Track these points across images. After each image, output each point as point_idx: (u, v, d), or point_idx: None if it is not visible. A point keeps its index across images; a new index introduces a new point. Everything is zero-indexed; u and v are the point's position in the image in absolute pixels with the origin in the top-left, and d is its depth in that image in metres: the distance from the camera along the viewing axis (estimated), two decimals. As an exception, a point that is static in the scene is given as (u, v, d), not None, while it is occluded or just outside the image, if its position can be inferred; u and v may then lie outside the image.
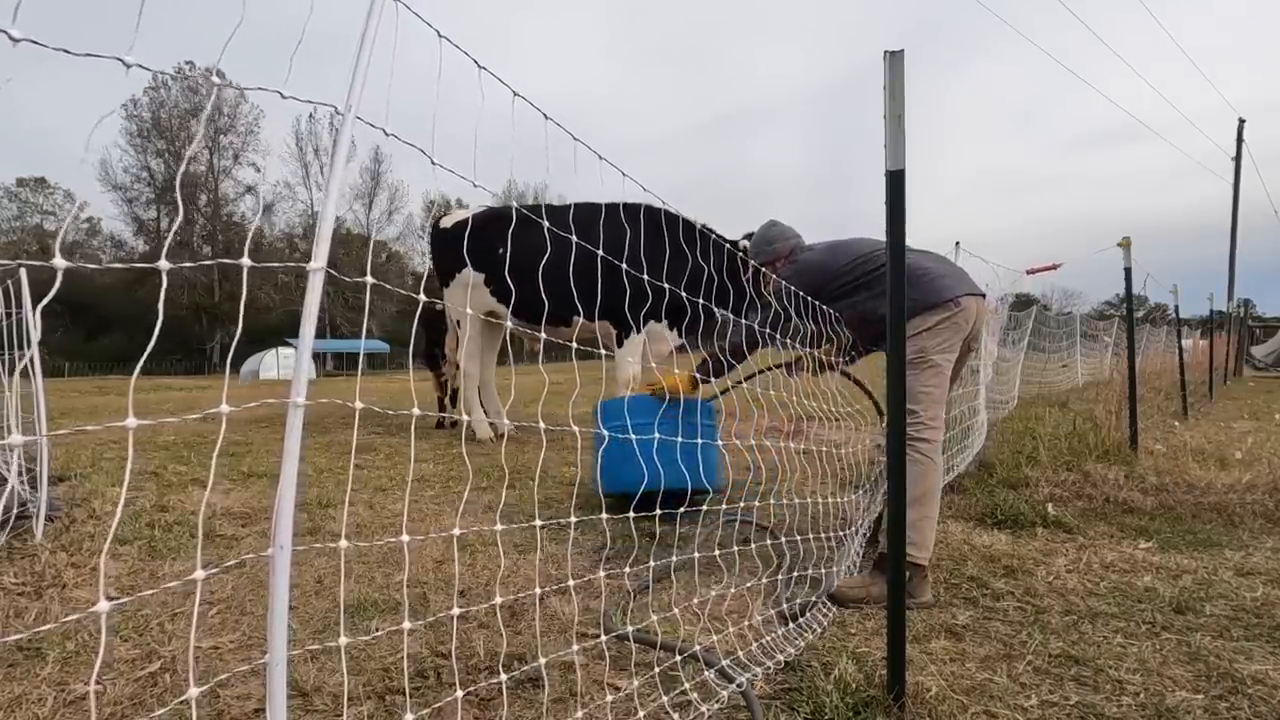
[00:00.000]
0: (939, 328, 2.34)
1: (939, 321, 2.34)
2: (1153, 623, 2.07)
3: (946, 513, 3.33)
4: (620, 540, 2.76)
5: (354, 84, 0.95)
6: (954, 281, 2.42)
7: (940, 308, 2.34)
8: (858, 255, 2.56)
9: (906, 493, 1.99)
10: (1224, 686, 1.70)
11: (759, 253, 2.85)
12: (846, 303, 2.54)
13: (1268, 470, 3.88)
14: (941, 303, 2.34)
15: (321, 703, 1.59)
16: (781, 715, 1.55)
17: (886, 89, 1.55)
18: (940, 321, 2.34)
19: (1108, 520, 3.22)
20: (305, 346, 0.93)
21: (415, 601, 2.18)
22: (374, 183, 49.33)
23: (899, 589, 1.63)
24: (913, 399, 2.34)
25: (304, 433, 0.89)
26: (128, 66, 0.76)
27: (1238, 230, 22.18)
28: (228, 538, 2.84)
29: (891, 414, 1.64)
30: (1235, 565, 2.60)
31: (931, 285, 2.37)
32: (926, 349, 2.34)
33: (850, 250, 2.61)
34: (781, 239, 2.84)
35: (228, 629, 1.97)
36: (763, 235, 2.89)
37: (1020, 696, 1.64)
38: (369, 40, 0.95)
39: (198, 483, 3.84)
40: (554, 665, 1.73)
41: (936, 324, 2.34)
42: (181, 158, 44.79)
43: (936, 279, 2.40)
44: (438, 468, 4.47)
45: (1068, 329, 13.52)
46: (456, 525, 1.27)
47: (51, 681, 1.65)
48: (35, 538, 2.64)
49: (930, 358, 2.33)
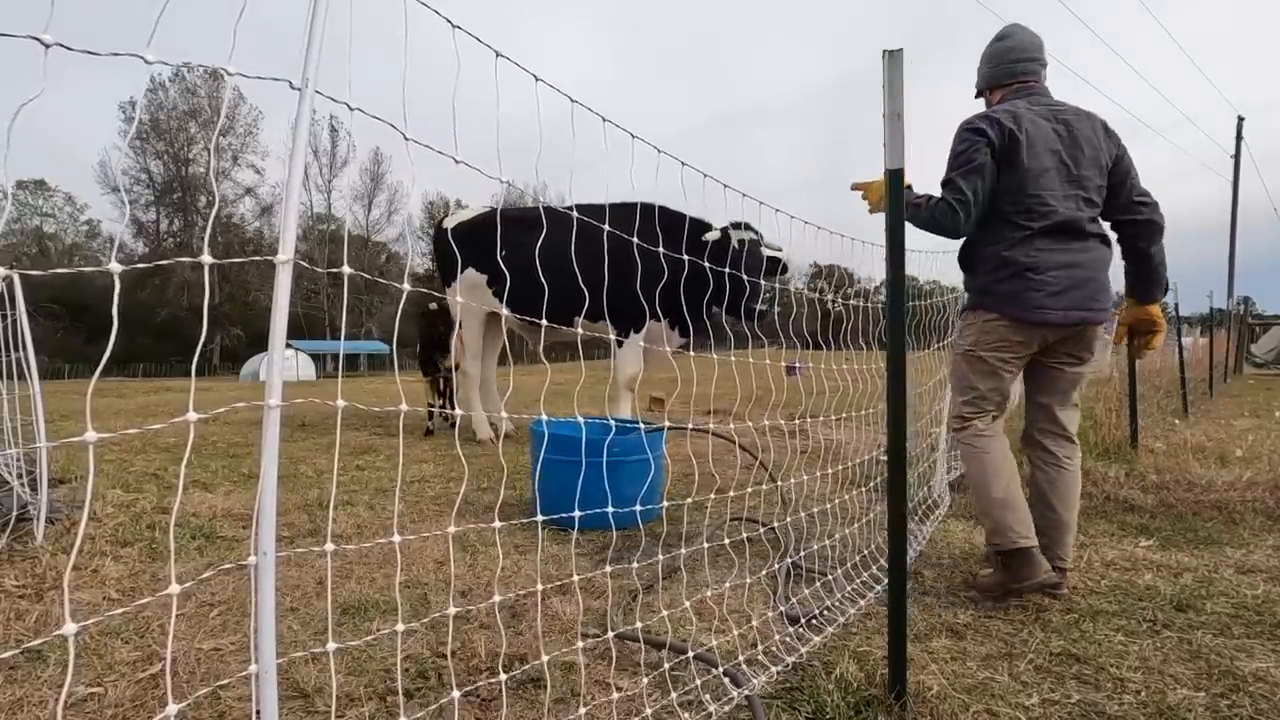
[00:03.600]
0: (997, 325, 2.28)
1: (1001, 323, 2.27)
2: (1154, 621, 2.07)
3: (948, 512, 3.33)
4: (622, 540, 2.76)
5: (309, 57, 0.92)
6: (1051, 300, 2.22)
7: (1006, 316, 2.26)
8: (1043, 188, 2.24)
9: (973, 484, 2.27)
10: (1225, 684, 1.70)
11: (992, 67, 2.44)
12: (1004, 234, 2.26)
13: (1268, 468, 3.88)
14: (1010, 313, 2.25)
15: (323, 704, 1.59)
16: (783, 714, 1.55)
17: (885, 88, 1.55)
18: (1002, 323, 2.27)
19: (1108, 518, 3.22)
20: (277, 344, 0.88)
21: (416, 602, 2.18)
22: (374, 184, 49.40)
23: (899, 589, 1.63)
24: (958, 389, 2.40)
25: (300, 434, 0.89)
26: (149, 63, 0.76)
27: (1237, 228, 22.22)
28: (228, 539, 2.84)
29: (892, 414, 1.63)
30: (1236, 563, 2.59)
31: (1025, 292, 2.22)
32: (979, 344, 2.32)
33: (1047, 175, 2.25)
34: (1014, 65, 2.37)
35: (229, 630, 1.97)
36: (1007, 49, 2.42)
37: (1021, 695, 1.64)
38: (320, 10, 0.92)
39: (199, 484, 3.84)
40: (555, 665, 1.73)
41: (995, 322, 2.28)
42: (181, 159, 44.76)
43: (1037, 289, 2.22)
44: (438, 468, 4.47)
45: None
46: (452, 525, 1.27)
47: (53, 684, 1.65)
48: (36, 540, 2.64)
49: (979, 353, 2.31)
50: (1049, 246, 2.24)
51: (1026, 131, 2.23)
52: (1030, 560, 2.16)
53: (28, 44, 0.72)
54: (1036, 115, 2.27)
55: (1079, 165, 2.25)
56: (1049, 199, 2.23)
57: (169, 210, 46.35)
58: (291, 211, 0.92)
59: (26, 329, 2.65)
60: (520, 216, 5.76)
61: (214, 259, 0.87)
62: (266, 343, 0.89)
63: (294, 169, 0.93)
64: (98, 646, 1.84)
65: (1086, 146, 2.26)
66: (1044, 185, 2.23)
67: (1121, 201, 2.31)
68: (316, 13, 0.92)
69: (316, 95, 0.93)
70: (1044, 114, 2.28)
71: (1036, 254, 2.23)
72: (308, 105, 0.92)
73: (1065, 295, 2.22)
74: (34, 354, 2.68)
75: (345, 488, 3.83)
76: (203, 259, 0.87)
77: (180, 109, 44.63)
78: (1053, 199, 2.23)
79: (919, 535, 2.86)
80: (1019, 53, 2.39)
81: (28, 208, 45.34)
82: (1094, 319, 2.27)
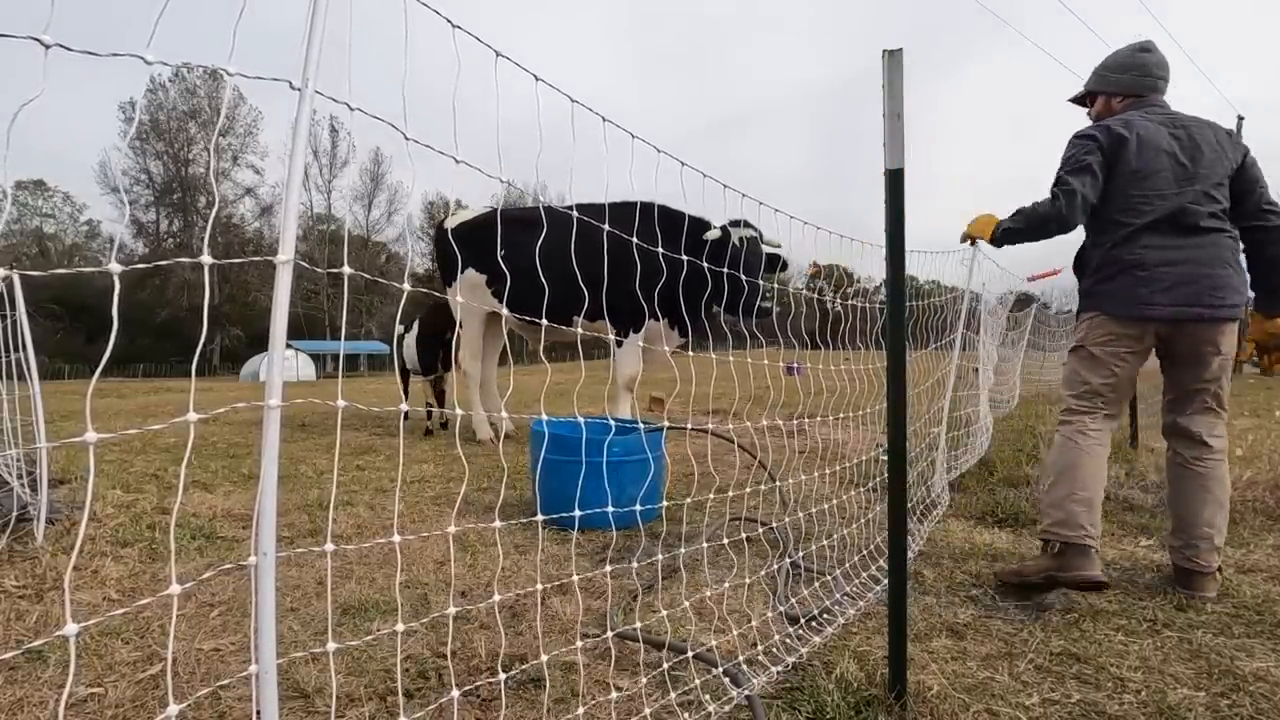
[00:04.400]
0: (1104, 321, 2.33)
1: (1108, 320, 2.32)
2: (1154, 620, 2.07)
3: (947, 511, 3.33)
4: (622, 540, 2.76)
5: (309, 57, 0.92)
6: (1160, 295, 2.23)
7: (1111, 314, 2.31)
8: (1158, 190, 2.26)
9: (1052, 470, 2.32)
10: (1225, 684, 1.70)
11: (1107, 74, 2.47)
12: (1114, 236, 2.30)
13: (1268, 467, 3.88)
14: (1115, 310, 2.31)
15: (323, 704, 1.59)
16: (783, 714, 1.55)
17: (885, 87, 1.55)
18: (1109, 320, 2.32)
19: (1108, 518, 3.22)
20: (277, 344, 0.87)
21: (416, 602, 2.18)
22: (374, 184, 49.39)
23: (899, 588, 1.63)
24: (1067, 384, 2.46)
25: (300, 434, 0.89)
26: (149, 63, 0.76)
27: (1237, 227, 22.15)
28: (228, 540, 2.84)
29: (892, 414, 1.63)
30: (1236, 562, 2.59)
31: (1133, 288, 2.26)
32: (1087, 339, 2.37)
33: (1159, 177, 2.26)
34: (1139, 78, 2.40)
35: (229, 631, 1.97)
36: (1129, 60, 2.44)
37: (1022, 695, 1.64)
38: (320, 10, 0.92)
39: (199, 485, 3.84)
40: (555, 665, 1.73)
41: (1102, 319, 2.33)
42: (181, 159, 44.74)
43: (1144, 285, 2.25)
44: (438, 468, 4.47)
45: (1068, 327, 13.53)
46: (452, 525, 1.27)
47: (53, 685, 1.65)
48: (36, 541, 2.64)
49: (1089, 348, 2.36)
50: (1157, 242, 2.24)
51: (1137, 135, 2.26)
52: (1087, 556, 2.20)
53: (28, 44, 0.72)
54: (1151, 122, 2.30)
55: (1197, 164, 2.26)
56: (1155, 197, 2.24)
57: (169, 211, 46.38)
58: (291, 212, 0.92)
59: (26, 329, 2.66)
60: (520, 216, 5.76)
61: (214, 259, 0.87)
62: (266, 343, 0.89)
63: (294, 169, 0.92)
64: (98, 647, 1.84)
65: (1206, 149, 2.27)
66: (1151, 185, 2.25)
67: (1249, 208, 2.31)
68: (316, 13, 0.92)
69: (316, 95, 0.93)
70: (1161, 120, 2.31)
71: (1142, 251, 2.25)
72: (307, 105, 0.92)
73: (1175, 290, 2.21)
74: (34, 354, 2.68)
75: (345, 488, 3.83)
76: (202, 259, 0.87)
77: (180, 109, 44.69)
78: (1161, 195, 2.24)
79: (919, 535, 2.86)
80: (1155, 68, 2.41)
81: (28, 208, 45.37)
82: (1209, 315, 2.22)
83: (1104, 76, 2.48)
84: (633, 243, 1.62)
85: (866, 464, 3.43)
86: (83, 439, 0.75)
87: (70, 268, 0.87)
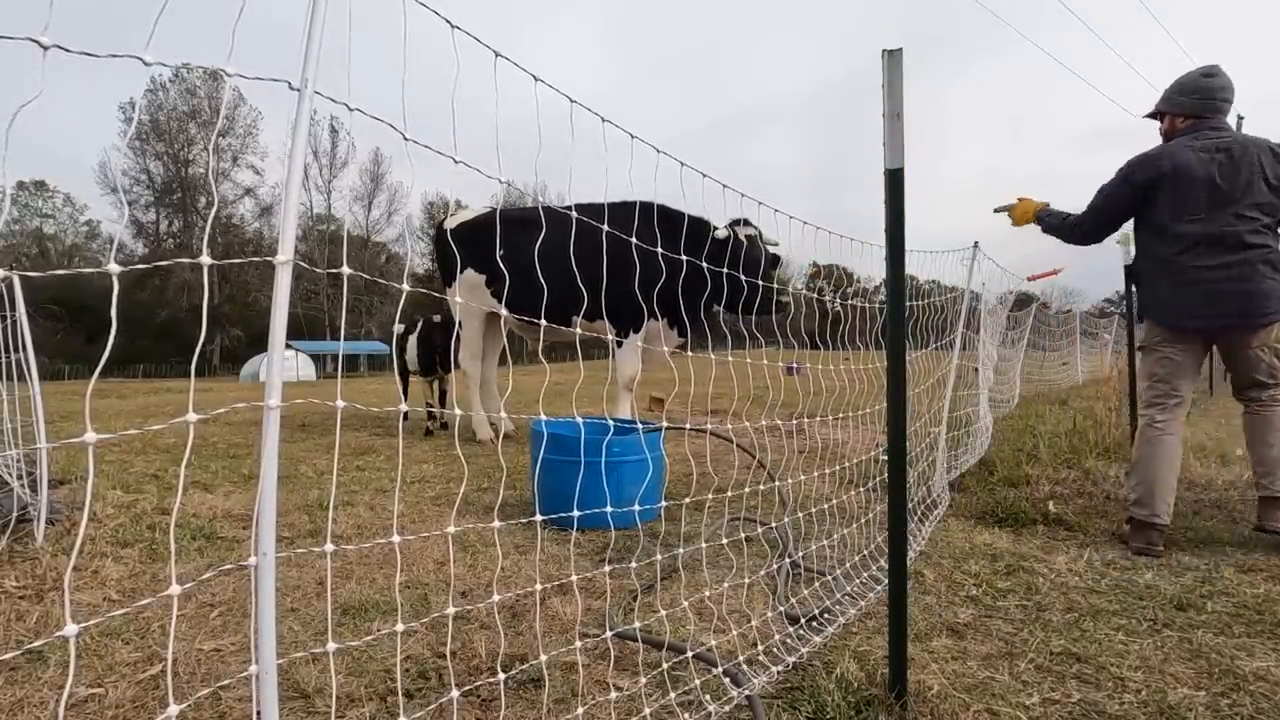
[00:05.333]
0: (1159, 328, 2.78)
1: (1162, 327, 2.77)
2: (1154, 620, 2.07)
3: (947, 511, 3.33)
4: (621, 540, 2.76)
5: (308, 57, 0.91)
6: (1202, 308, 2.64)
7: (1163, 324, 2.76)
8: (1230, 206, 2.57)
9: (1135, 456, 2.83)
10: (1226, 683, 1.70)
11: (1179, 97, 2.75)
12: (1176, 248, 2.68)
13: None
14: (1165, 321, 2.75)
15: (323, 704, 1.59)
16: (783, 714, 1.55)
17: (885, 87, 1.55)
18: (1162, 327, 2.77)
19: (1109, 517, 3.22)
20: (277, 344, 0.87)
21: (416, 602, 2.18)
22: (373, 185, 49.39)
23: (899, 588, 1.63)
24: (1141, 376, 2.93)
25: (300, 434, 0.89)
26: (148, 64, 0.76)
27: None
28: (228, 540, 2.84)
29: (892, 414, 1.63)
30: (1236, 562, 2.59)
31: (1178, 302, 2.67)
32: (1146, 339, 2.84)
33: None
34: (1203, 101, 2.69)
35: (229, 631, 1.97)
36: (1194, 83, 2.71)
37: (1022, 694, 1.64)
38: (319, 10, 0.92)
39: (199, 485, 3.84)
40: (555, 665, 1.73)
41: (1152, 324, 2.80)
42: (181, 160, 44.73)
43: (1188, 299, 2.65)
44: (438, 468, 4.47)
45: (1067, 327, 13.53)
46: (452, 525, 1.27)
47: (53, 685, 1.65)
48: (36, 541, 2.64)
49: (1151, 345, 2.82)
50: (1198, 262, 2.60)
51: (1174, 166, 2.60)
52: (1151, 532, 2.69)
53: (27, 45, 0.72)
54: (1194, 149, 2.61)
55: (1235, 186, 2.55)
56: (1193, 221, 2.58)
57: (169, 211, 46.38)
58: (291, 212, 0.92)
59: (26, 330, 2.65)
60: (520, 217, 5.76)
61: (213, 260, 0.87)
62: (266, 343, 0.89)
63: (293, 169, 0.92)
64: (98, 647, 1.84)
65: (1245, 169, 2.55)
66: (1191, 209, 2.58)
67: None
68: (316, 13, 0.92)
69: (316, 95, 0.93)
70: (1205, 148, 2.60)
71: (1185, 269, 2.63)
72: (307, 105, 0.92)
73: (1215, 304, 2.60)
74: (34, 355, 2.68)
75: (345, 488, 3.83)
76: (202, 260, 0.87)
77: (180, 110, 44.68)
78: (1198, 219, 2.58)
79: (919, 535, 2.86)
80: (1219, 92, 2.68)
81: (28, 208, 45.38)
82: (1248, 324, 2.62)
83: (1171, 99, 2.77)
84: (632, 243, 1.62)
85: (866, 464, 3.42)
86: (82, 439, 0.75)
87: (70, 268, 0.87)
